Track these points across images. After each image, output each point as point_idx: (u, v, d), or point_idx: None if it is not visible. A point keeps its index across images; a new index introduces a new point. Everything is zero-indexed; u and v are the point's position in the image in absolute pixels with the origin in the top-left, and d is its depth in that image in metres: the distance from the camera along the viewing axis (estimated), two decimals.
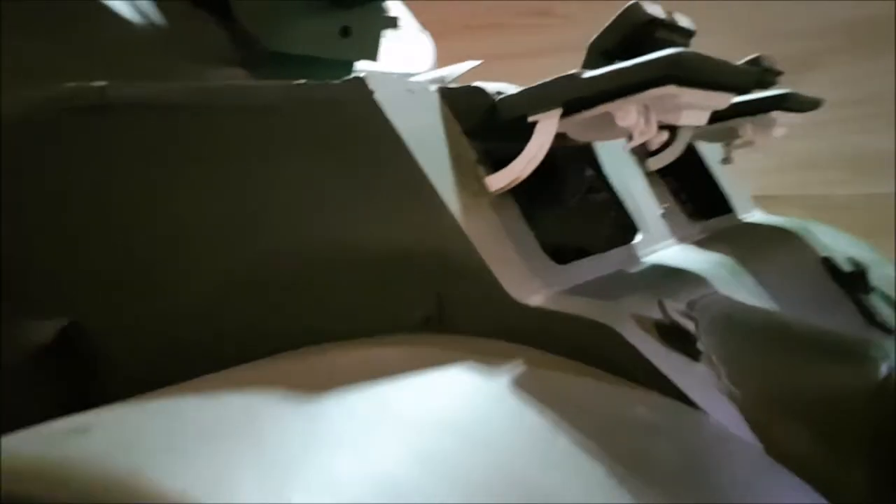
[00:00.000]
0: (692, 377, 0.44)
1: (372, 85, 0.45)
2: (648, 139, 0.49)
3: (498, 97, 0.49)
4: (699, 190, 0.84)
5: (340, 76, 0.48)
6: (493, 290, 0.44)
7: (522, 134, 0.49)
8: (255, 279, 0.50)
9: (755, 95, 0.68)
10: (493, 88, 0.50)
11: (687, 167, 0.83)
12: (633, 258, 0.59)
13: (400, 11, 0.88)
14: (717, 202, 0.83)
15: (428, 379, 0.39)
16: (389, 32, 0.78)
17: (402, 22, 0.82)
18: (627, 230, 0.62)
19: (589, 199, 0.65)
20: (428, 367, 0.40)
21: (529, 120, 0.48)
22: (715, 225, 0.75)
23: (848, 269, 0.74)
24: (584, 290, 0.48)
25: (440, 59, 0.99)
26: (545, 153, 0.48)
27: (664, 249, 0.63)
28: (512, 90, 0.49)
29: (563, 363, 0.42)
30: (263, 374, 0.39)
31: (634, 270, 0.56)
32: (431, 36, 0.98)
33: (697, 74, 0.46)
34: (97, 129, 0.53)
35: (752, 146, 0.72)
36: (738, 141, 0.72)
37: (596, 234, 0.62)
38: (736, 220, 0.82)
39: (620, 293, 0.48)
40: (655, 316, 0.46)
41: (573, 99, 0.47)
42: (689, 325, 0.46)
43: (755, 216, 0.86)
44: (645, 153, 0.70)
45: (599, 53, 0.53)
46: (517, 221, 0.49)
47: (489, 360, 0.41)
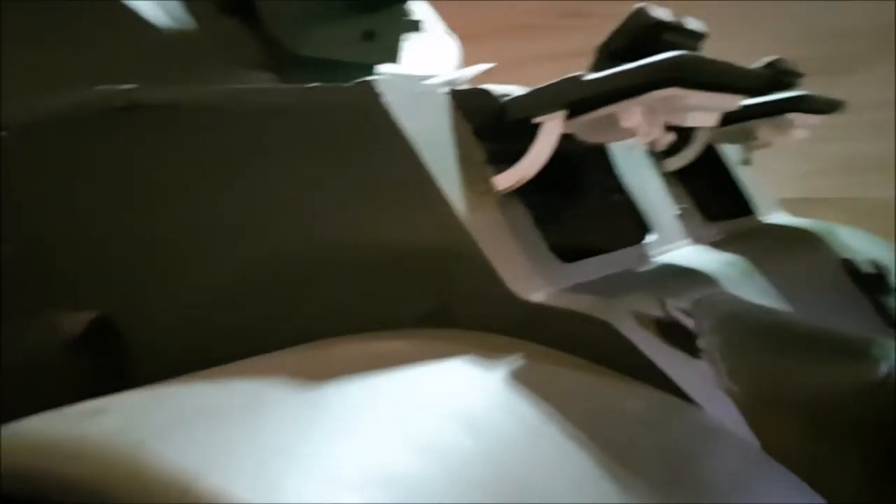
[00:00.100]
0: (690, 373, 0.45)
1: (380, 88, 0.47)
2: (654, 140, 0.50)
3: (505, 99, 0.51)
4: (722, 191, 0.84)
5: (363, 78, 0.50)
6: (495, 286, 0.46)
7: (530, 135, 0.50)
8: (268, 273, 0.52)
9: (770, 97, 0.69)
10: (501, 91, 0.52)
11: (710, 169, 0.84)
12: (643, 257, 0.60)
13: (425, 14, 0.89)
14: (739, 203, 0.84)
15: (427, 371, 0.40)
16: (414, 35, 0.79)
17: (426, 24, 0.84)
18: (640, 230, 0.63)
19: (604, 199, 0.66)
20: (429, 359, 0.41)
21: (534, 121, 0.49)
22: (734, 226, 0.76)
23: (868, 270, 0.74)
24: (587, 287, 0.49)
25: (476, 60, 1.00)
26: (550, 153, 0.49)
27: (677, 249, 0.64)
28: (518, 92, 0.51)
29: (560, 357, 0.44)
30: (271, 364, 0.41)
31: (642, 269, 0.57)
32: (469, 38, 0.99)
33: (699, 77, 0.47)
34: (124, 129, 0.56)
35: (769, 147, 0.72)
36: (755, 143, 0.72)
37: (609, 233, 0.63)
38: (757, 221, 0.83)
39: (623, 291, 0.49)
40: (656, 313, 0.47)
41: (577, 101, 0.48)
42: (689, 322, 0.47)
43: (777, 218, 0.86)
44: (662, 154, 0.71)
45: (607, 56, 0.54)
46: (523, 220, 0.51)
47: (488, 354, 0.42)
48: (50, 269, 0.60)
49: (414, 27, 0.79)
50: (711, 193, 0.81)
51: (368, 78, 0.48)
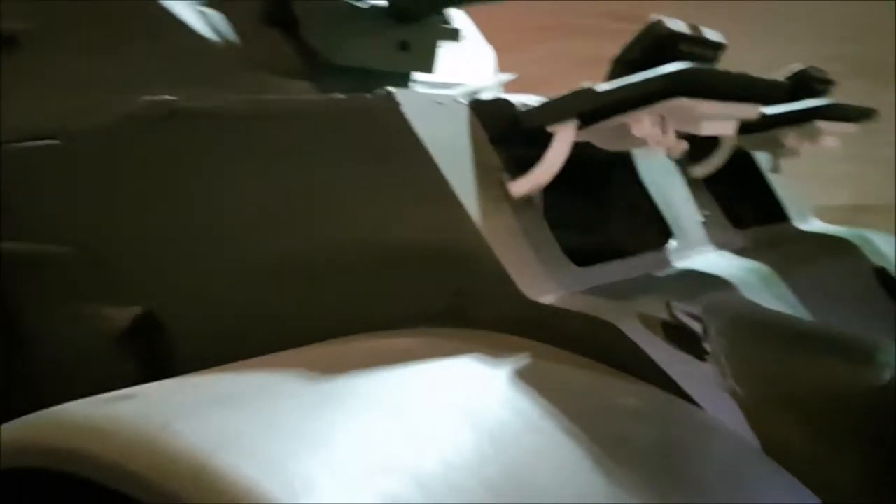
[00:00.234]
0: (694, 374, 0.46)
1: (399, 98, 0.50)
2: (666, 148, 0.52)
3: (521, 108, 0.53)
4: (757, 198, 0.85)
5: (399, 87, 0.53)
6: (507, 287, 0.48)
7: (545, 143, 0.52)
8: (297, 270, 0.55)
9: (797, 105, 0.69)
10: (520, 100, 0.54)
11: (745, 176, 0.84)
12: (662, 263, 0.61)
13: (462, 22, 0.92)
14: (773, 210, 0.84)
15: (434, 367, 0.43)
16: (450, 44, 0.82)
17: (464, 33, 0.86)
18: (662, 236, 0.65)
19: (626, 205, 0.68)
20: (438, 356, 0.44)
21: (547, 130, 0.51)
22: (764, 233, 0.76)
23: None
24: (599, 291, 0.51)
25: (520, 64, 1.02)
26: (563, 161, 0.51)
27: (698, 255, 0.65)
28: (534, 101, 0.53)
29: (565, 357, 0.46)
30: (288, 359, 0.45)
31: (659, 274, 0.58)
32: (514, 42, 1.00)
33: (706, 87, 0.48)
34: (166, 137, 0.60)
35: (797, 155, 0.72)
36: (783, 150, 0.73)
37: (630, 238, 0.65)
38: (790, 228, 0.83)
39: (633, 294, 0.51)
40: (662, 316, 0.49)
41: (588, 111, 0.50)
42: (695, 325, 0.48)
43: (812, 225, 0.86)
44: (689, 162, 0.72)
45: (624, 66, 0.56)
46: (538, 225, 0.53)
47: (495, 352, 0.44)
48: (99, 268, 0.64)
49: (451, 36, 0.81)
50: (745, 200, 0.82)
51: (390, 88, 0.51)
